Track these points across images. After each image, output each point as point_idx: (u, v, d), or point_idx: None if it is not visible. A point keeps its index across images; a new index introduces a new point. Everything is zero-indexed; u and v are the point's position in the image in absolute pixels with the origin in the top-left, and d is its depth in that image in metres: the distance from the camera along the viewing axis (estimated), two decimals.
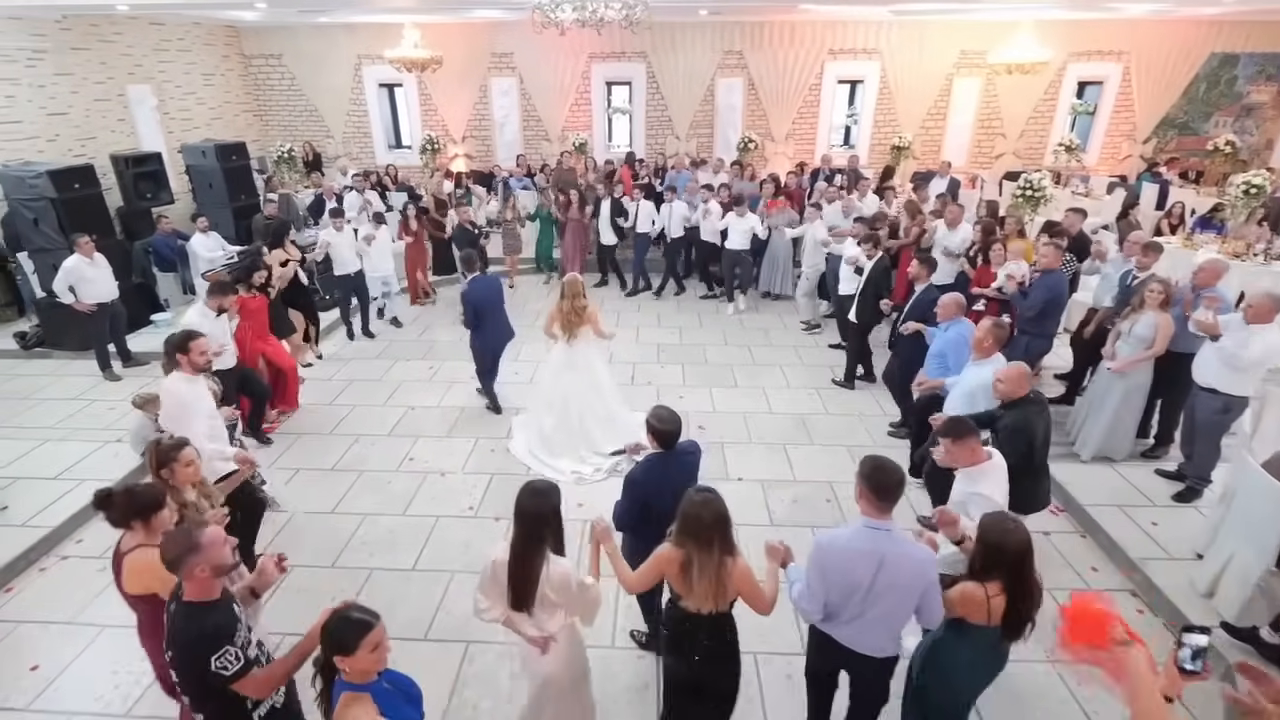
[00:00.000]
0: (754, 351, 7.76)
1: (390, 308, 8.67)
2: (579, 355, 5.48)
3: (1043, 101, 13.26)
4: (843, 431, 6.07)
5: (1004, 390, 3.69)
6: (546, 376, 5.69)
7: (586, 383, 5.49)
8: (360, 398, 6.66)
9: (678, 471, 3.14)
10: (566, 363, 5.48)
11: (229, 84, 12.64)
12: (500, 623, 2.69)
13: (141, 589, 2.60)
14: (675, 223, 9.38)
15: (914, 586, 2.46)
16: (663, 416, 3.12)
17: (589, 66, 13.01)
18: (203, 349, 3.92)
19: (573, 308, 5.31)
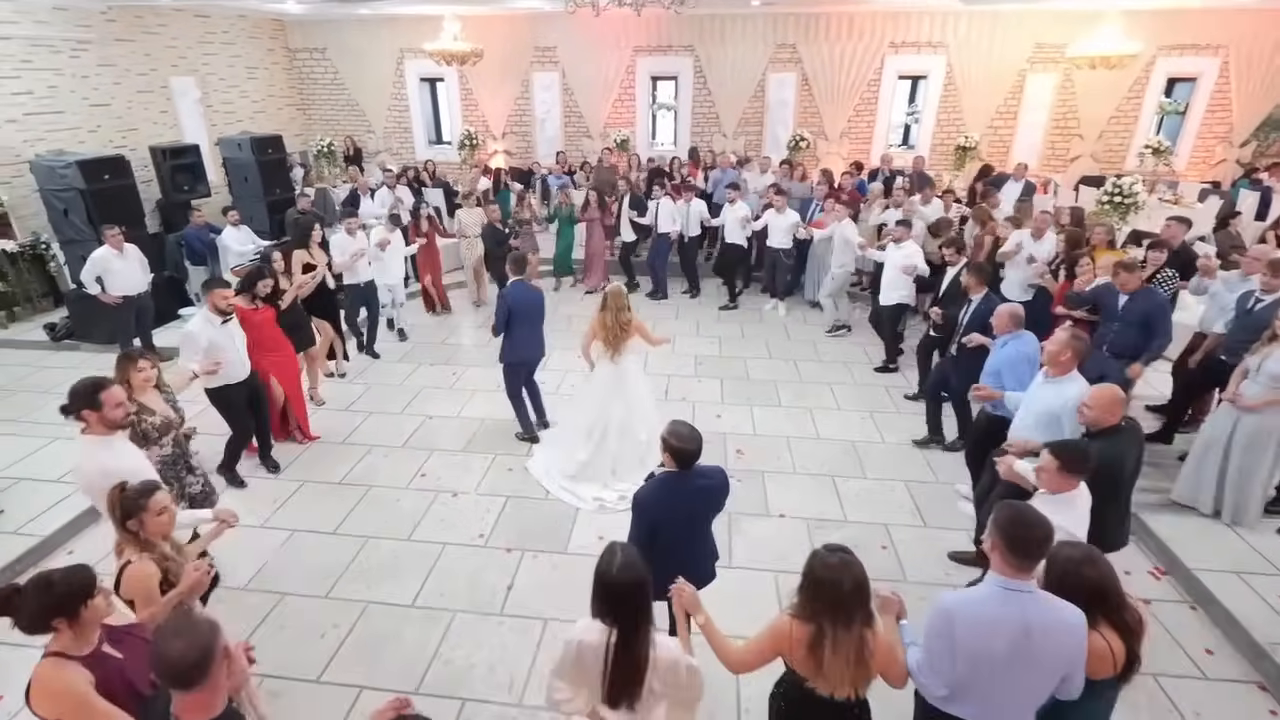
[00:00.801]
0: (800, 367, 7.13)
1: (398, 318, 7.89)
2: (625, 373, 4.97)
3: (1126, 100, 12.17)
4: (900, 463, 5.41)
5: (1092, 417, 3.20)
6: (589, 402, 5.05)
7: (631, 403, 4.96)
8: (378, 403, 6.30)
9: (692, 496, 2.87)
10: (614, 384, 4.95)
11: (273, 78, 12.60)
12: (585, 717, 2.22)
13: (55, 716, 1.98)
14: (693, 223, 8.91)
15: (1064, 656, 2.06)
16: (681, 434, 2.80)
17: (634, 60, 12.52)
18: (117, 400, 3.15)
19: (617, 321, 4.77)
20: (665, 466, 2.88)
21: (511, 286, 5.39)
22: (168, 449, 3.73)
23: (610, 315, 4.77)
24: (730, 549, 4.38)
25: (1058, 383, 3.58)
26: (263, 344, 5.07)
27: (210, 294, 4.55)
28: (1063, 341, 3.57)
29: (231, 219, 8.23)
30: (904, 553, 4.39)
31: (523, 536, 4.49)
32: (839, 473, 5.27)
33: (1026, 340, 4.28)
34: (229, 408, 4.82)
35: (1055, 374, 3.61)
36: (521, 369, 5.58)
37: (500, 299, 5.36)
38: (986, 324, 4.71)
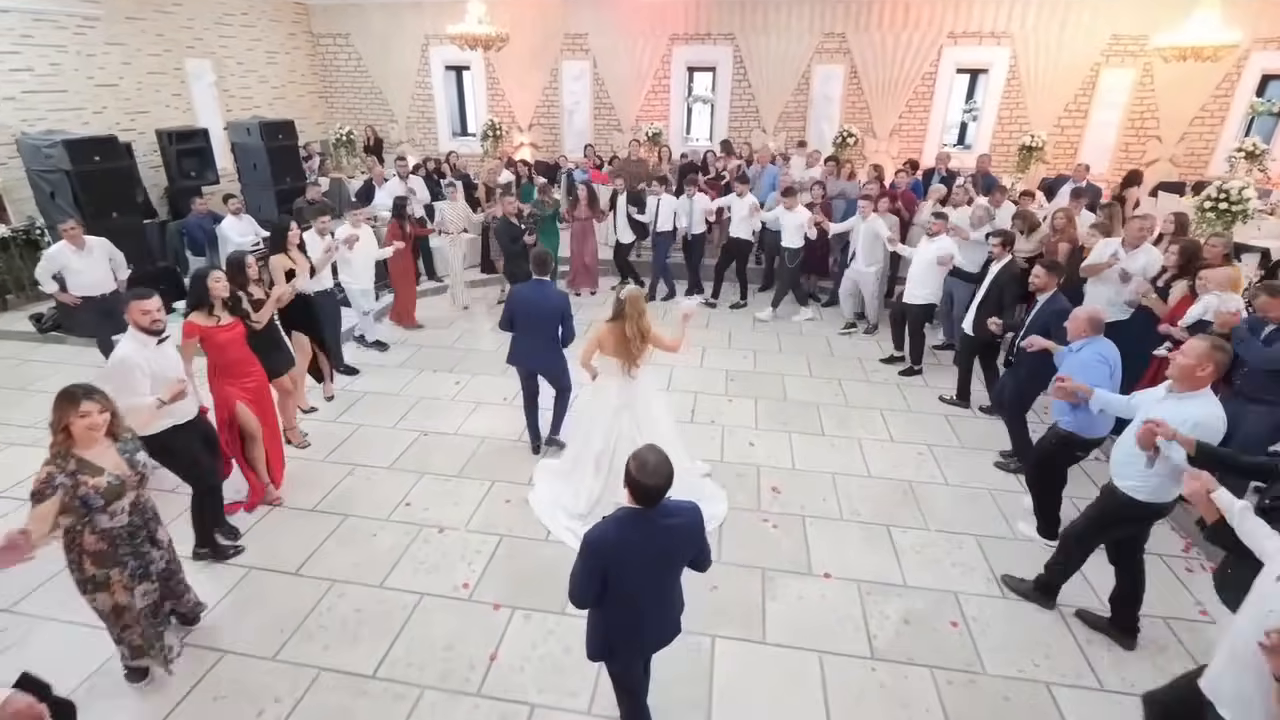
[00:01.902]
0: (846, 389, 6.28)
1: (371, 331, 6.93)
2: (639, 390, 4.22)
3: (1213, 99, 11.01)
4: (968, 511, 4.55)
5: None
6: (597, 426, 4.29)
7: (646, 427, 4.17)
8: (369, 415, 5.65)
9: (657, 539, 2.36)
10: (626, 404, 4.19)
11: (294, 63, 12.15)
12: None
13: None
14: (697, 220, 8.22)
15: None
16: (646, 462, 2.27)
17: (670, 49, 11.76)
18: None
19: (638, 330, 4.02)
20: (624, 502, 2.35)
21: (525, 285, 4.78)
22: (122, 519, 2.79)
23: (630, 325, 4.01)
24: (764, 618, 3.59)
25: (1185, 399, 3.03)
26: (228, 369, 4.07)
27: (129, 307, 3.40)
28: (1202, 352, 2.96)
29: (232, 207, 7.69)
30: (981, 632, 3.55)
31: (515, 589, 3.76)
32: (895, 520, 4.43)
33: (1106, 345, 3.81)
34: (174, 455, 3.64)
35: (1184, 389, 3.04)
36: (523, 373, 5.00)
37: (510, 295, 4.89)
38: (1053, 326, 4.33)
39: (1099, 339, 3.83)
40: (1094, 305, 4.12)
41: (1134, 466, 3.11)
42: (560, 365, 4.91)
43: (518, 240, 7.17)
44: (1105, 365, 3.74)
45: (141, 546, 2.90)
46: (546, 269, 4.75)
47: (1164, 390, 3.18)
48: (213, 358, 4.04)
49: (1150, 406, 3.17)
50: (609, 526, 2.32)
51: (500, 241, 7.39)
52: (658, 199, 8.22)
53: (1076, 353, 3.85)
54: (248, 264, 4.38)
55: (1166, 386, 3.18)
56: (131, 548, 2.85)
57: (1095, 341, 3.82)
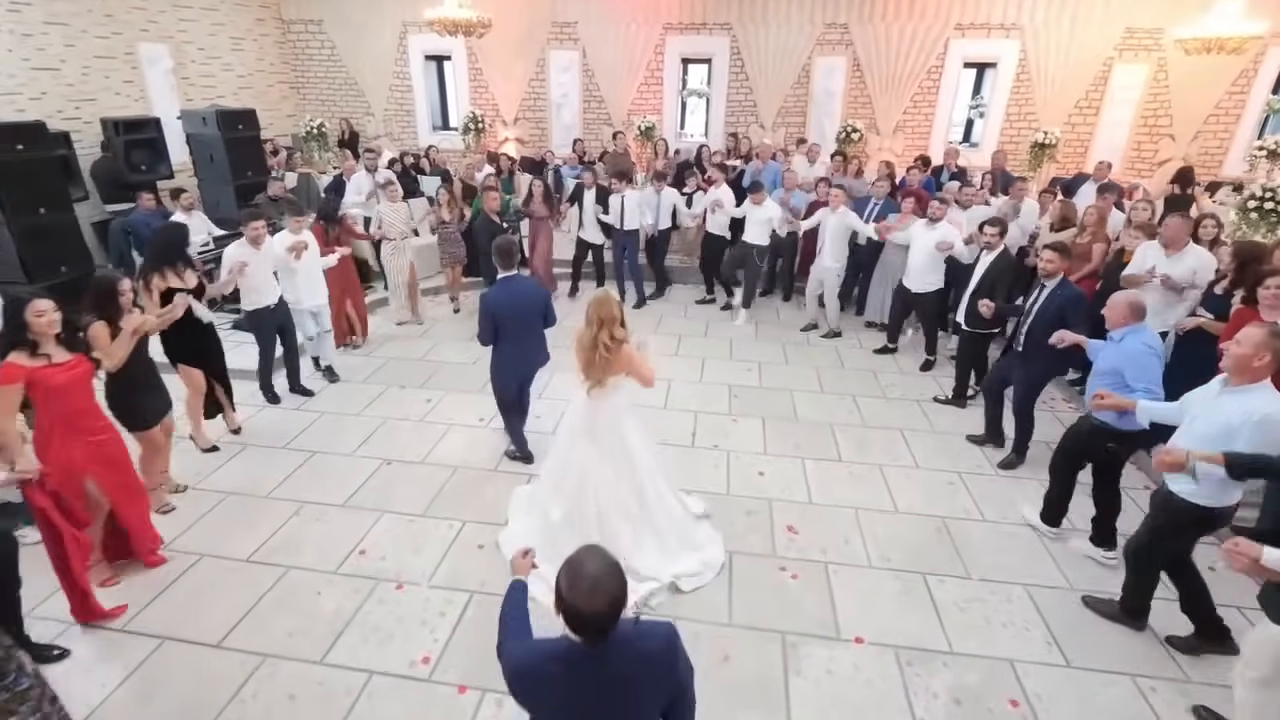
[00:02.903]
0: (862, 406, 5.68)
1: (325, 352, 5.94)
2: (603, 416, 3.53)
3: (1228, 95, 10.54)
4: (1011, 552, 3.94)
5: None
6: (560, 441, 3.79)
7: (612, 460, 3.53)
8: (325, 439, 4.96)
9: (605, 691, 1.59)
10: (585, 427, 3.56)
11: (263, 50, 11.39)
12: None
13: None
14: (664, 214, 7.80)
15: None
16: (581, 575, 1.52)
17: (663, 39, 11.13)
18: None
19: (600, 341, 3.34)
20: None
21: (496, 285, 4.20)
22: None
23: (591, 333, 3.35)
24: (788, 698, 2.97)
25: (1241, 393, 2.83)
26: (71, 422, 3.14)
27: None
28: (1259, 340, 2.77)
29: (183, 203, 6.98)
30: (1045, 711, 2.94)
31: (486, 665, 3.08)
32: (931, 567, 3.82)
33: (1150, 334, 3.61)
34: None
35: (1240, 382, 2.85)
36: (510, 385, 4.50)
37: (483, 302, 4.20)
38: (1067, 316, 4.18)
39: (1143, 327, 3.59)
40: (1134, 292, 3.77)
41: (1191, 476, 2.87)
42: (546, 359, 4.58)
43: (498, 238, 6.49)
44: (1156, 356, 3.51)
45: None
46: (512, 260, 4.25)
47: (1219, 385, 2.97)
48: (48, 408, 3.09)
49: (1204, 405, 2.97)
50: (528, 656, 1.65)
51: (480, 241, 6.73)
52: (621, 196, 7.58)
53: (1119, 343, 3.58)
54: (121, 289, 3.55)
55: (1221, 380, 2.96)
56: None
57: (1139, 330, 3.57)
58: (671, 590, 3.51)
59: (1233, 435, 2.79)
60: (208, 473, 4.52)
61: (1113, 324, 3.65)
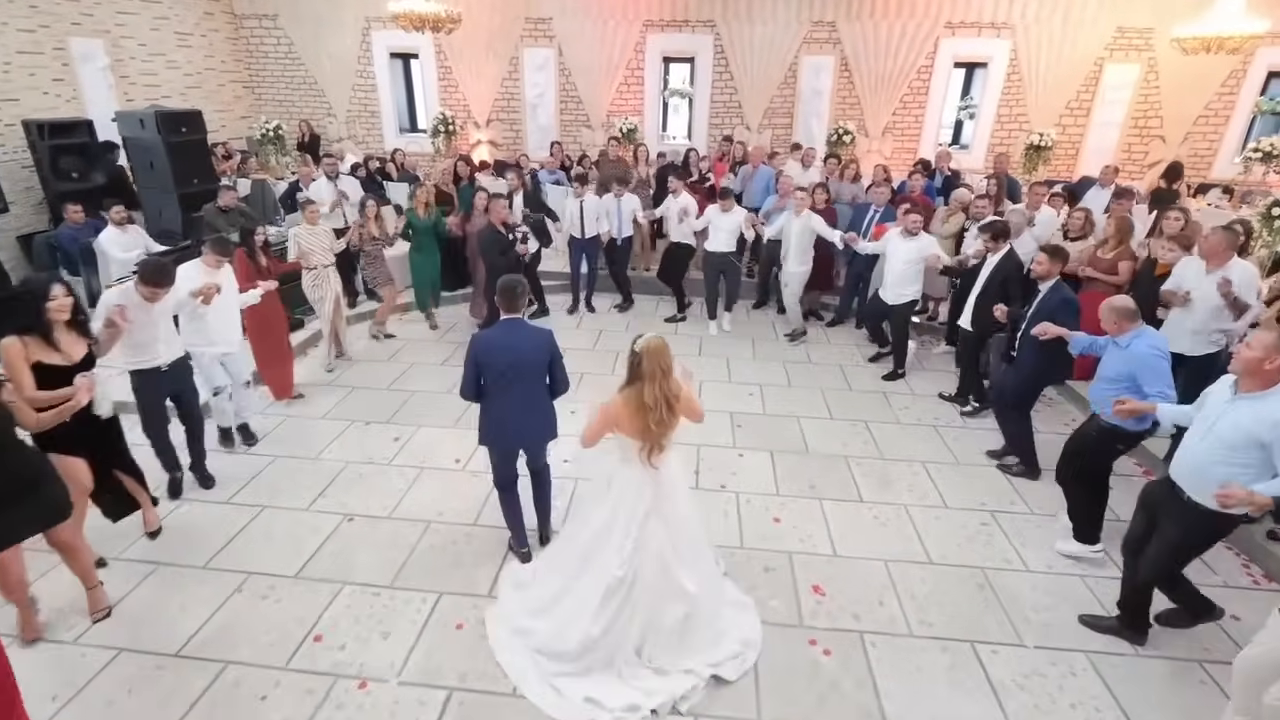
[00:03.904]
0: (876, 434, 5.21)
1: (243, 405, 4.86)
2: (664, 485, 2.92)
3: (1218, 97, 10.39)
4: (1066, 609, 3.49)
5: None
6: (608, 538, 2.94)
7: (674, 532, 2.94)
8: (276, 491, 4.31)
9: None
10: (646, 503, 2.88)
11: (212, 47, 10.58)
12: None
13: None
14: (626, 222, 7.29)
15: None
16: None
17: (643, 37, 10.61)
18: None
19: (663, 395, 2.76)
20: None
21: (493, 328, 3.43)
22: None
23: (651, 389, 2.75)
24: None
25: (1259, 400, 2.69)
26: None
27: None
28: (1270, 344, 2.64)
29: (115, 216, 6.23)
30: None
31: None
32: (979, 633, 3.34)
33: (1155, 334, 3.55)
34: None
35: (1251, 387, 2.73)
36: (507, 454, 3.58)
37: (469, 345, 3.39)
38: (1058, 316, 4.16)
39: (1145, 328, 3.52)
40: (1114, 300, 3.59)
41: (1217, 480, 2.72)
42: (547, 438, 3.61)
43: (508, 253, 5.91)
44: (1165, 358, 3.43)
45: None
46: (518, 302, 3.37)
47: (1229, 390, 2.82)
48: None
49: (1220, 408, 2.83)
50: None
51: (487, 256, 6.02)
52: (580, 201, 7.10)
53: (1126, 348, 3.49)
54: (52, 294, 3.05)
55: (1231, 385, 2.82)
56: None
57: (1145, 333, 3.51)
58: (712, 683, 2.97)
59: (1253, 444, 2.67)
60: (134, 537, 3.86)
61: (1111, 332, 3.58)
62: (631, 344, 2.86)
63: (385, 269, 6.61)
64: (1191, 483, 2.89)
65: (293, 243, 5.76)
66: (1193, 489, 2.89)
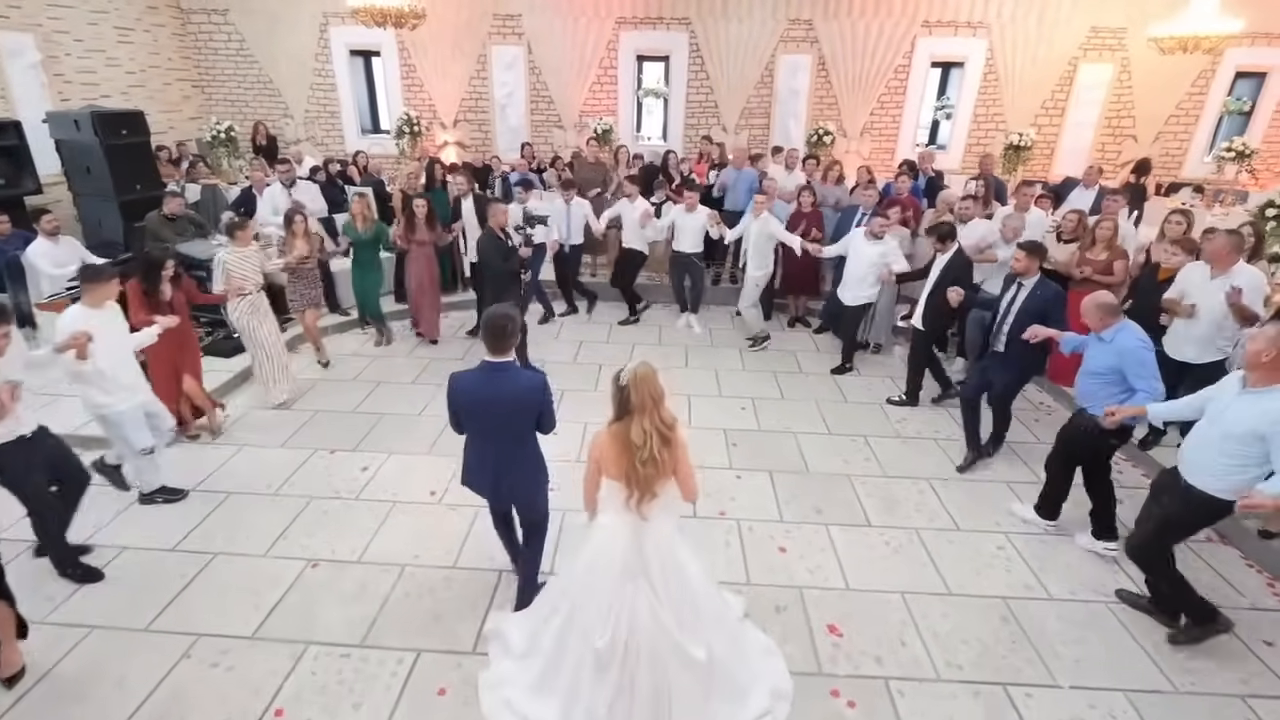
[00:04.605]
0: (876, 450, 4.96)
1: (152, 473, 4.06)
2: (651, 540, 2.56)
3: (1188, 97, 10.49)
4: (1096, 642, 3.27)
5: None
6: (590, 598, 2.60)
7: (670, 600, 2.58)
8: (228, 534, 3.86)
9: None
10: (628, 559, 2.55)
11: (157, 43, 9.93)
12: None
13: None
14: (576, 229, 6.99)
15: None
16: None
17: (616, 35, 10.29)
18: None
19: (655, 429, 2.42)
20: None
21: (471, 372, 2.89)
22: None
23: (641, 424, 2.42)
24: None
25: (1261, 394, 2.78)
26: None
27: None
28: (1270, 336, 2.72)
29: (45, 226, 5.67)
30: None
31: None
32: (1010, 673, 3.09)
33: (1135, 327, 3.57)
34: None
35: (1257, 381, 2.82)
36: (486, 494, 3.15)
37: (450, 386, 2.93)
38: (1041, 315, 4.19)
39: (1126, 322, 3.56)
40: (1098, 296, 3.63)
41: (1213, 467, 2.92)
42: (540, 486, 3.13)
43: (511, 259, 5.50)
44: (1150, 350, 3.47)
45: None
46: (506, 344, 2.82)
47: (1238, 384, 2.92)
48: None
49: (1224, 404, 2.92)
50: None
51: (489, 263, 5.58)
52: (523, 207, 6.54)
53: (1110, 342, 3.54)
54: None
55: (1240, 379, 2.92)
56: None
57: (1127, 326, 3.54)
58: None
59: (1256, 439, 2.76)
60: (68, 591, 3.39)
61: (1095, 328, 3.61)
62: (616, 376, 2.53)
63: (315, 291, 5.87)
64: (1189, 468, 3.05)
65: (219, 270, 4.83)
66: (1189, 473, 3.05)
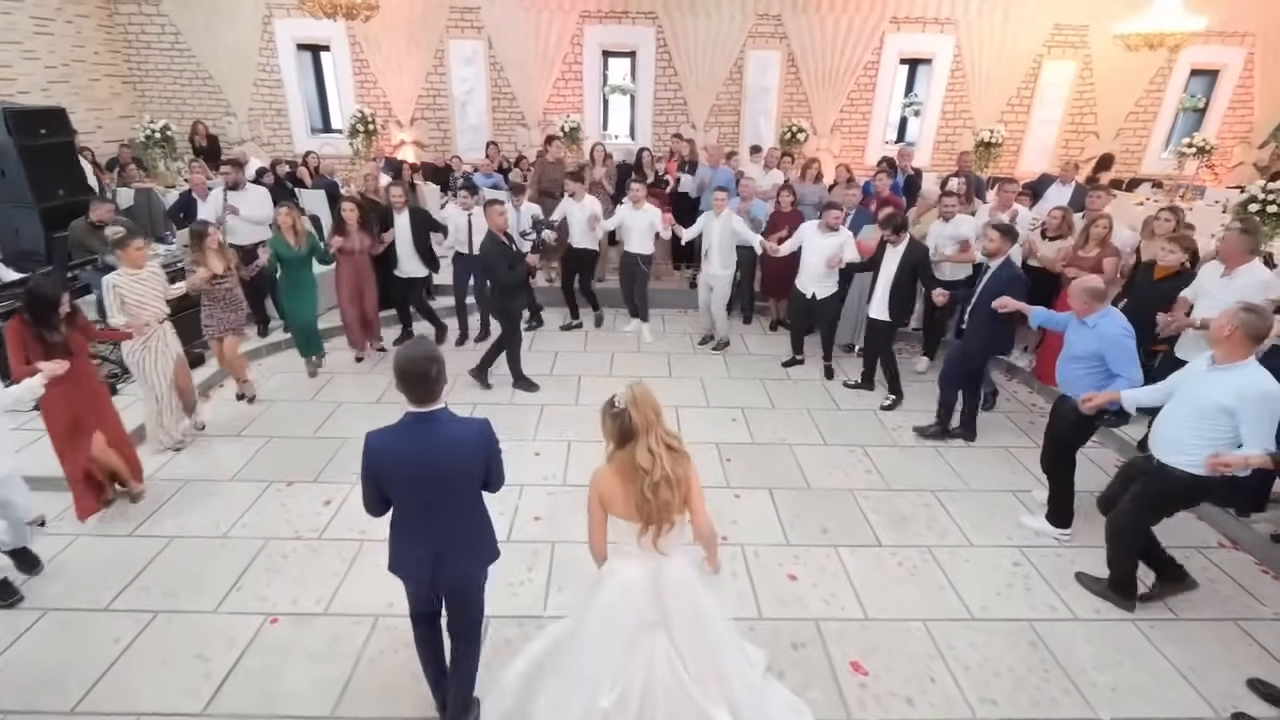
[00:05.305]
0: (878, 461, 4.74)
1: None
2: (670, 580, 2.27)
3: (1146, 94, 10.67)
4: (1131, 667, 3.08)
5: None
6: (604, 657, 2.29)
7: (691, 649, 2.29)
8: (171, 588, 3.39)
9: None
10: (655, 612, 2.27)
11: (81, 35, 9.14)
12: None
13: None
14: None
15: None
16: None
17: (580, 29, 9.92)
18: None
19: (661, 450, 2.13)
20: None
21: (389, 430, 2.23)
22: None
23: (645, 446, 2.12)
24: None
25: (1228, 371, 2.92)
26: None
27: None
28: (1229, 315, 2.90)
29: None
30: None
31: None
32: (1050, 710, 2.87)
33: (1118, 314, 3.65)
34: None
35: (1224, 359, 2.95)
36: (421, 594, 2.49)
37: (365, 453, 2.23)
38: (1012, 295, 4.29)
39: (1110, 309, 3.64)
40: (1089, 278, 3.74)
41: (1184, 444, 3.02)
42: (483, 567, 2.51)
43: (518, 266, 5.08)
44: (1132, 338, 3.53)
45: None
46: (432, 389, 2.19)
47: (1206, 363, 3.05)
48: None
49: (1193, 382, 3.06)
50: None
51: (494, 270, 5.11)
52: (469, 214, 6.09)
53: (1093, 328, 3.59)
54: None
55: (1208, 359, 3.04)
56: None
57: (1110, 313, 3.61)
58: None
59: (1230, 415, 2.87)
60: None
61: (1079, 313, 3.65)
62: (607, 405, 2.21)
63: (234, 315, 5.08)
64: (1162, 446, 3.15)
65: (111, 296, 4.01)
66: (1162, 452, 3.14)
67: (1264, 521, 4.01)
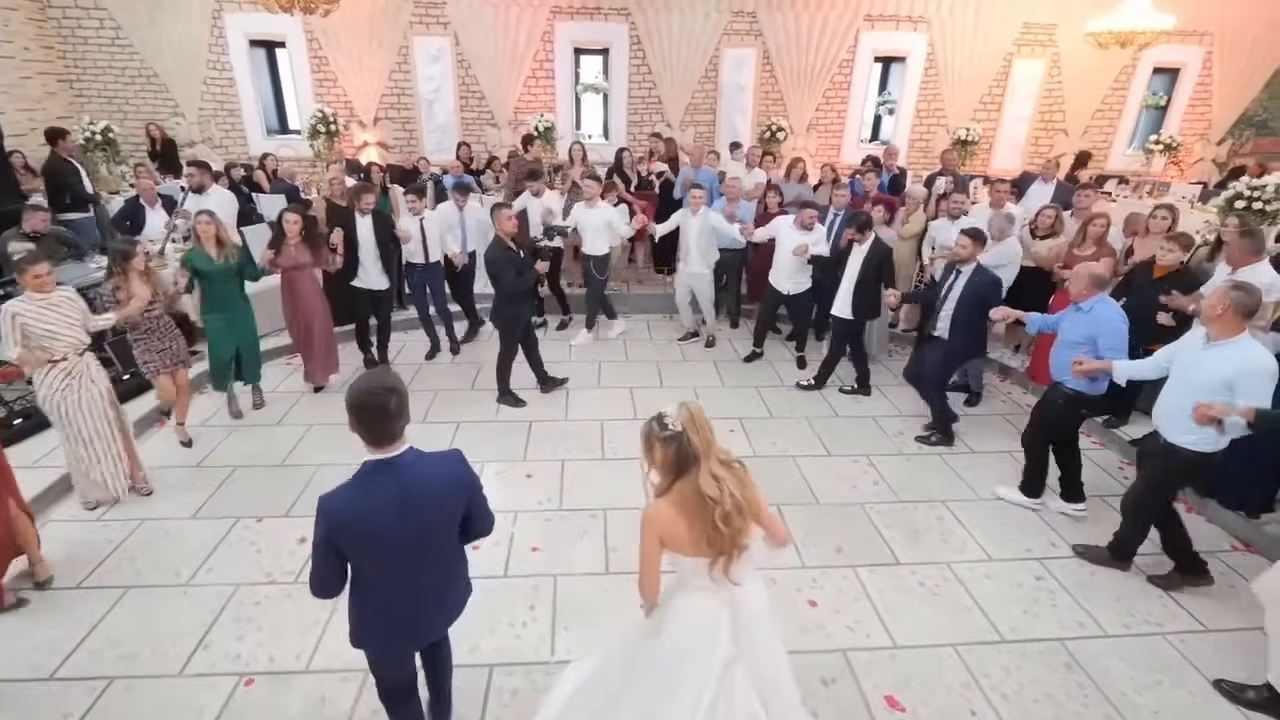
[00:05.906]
0: (883, 470, 4.57)
1: None
2: (746, 607, 2.11)
3: (1112, 91, 10.84)
4: (1170, 686, 2.96)
5: None
6: (672, 695, 2.02)
7: (767, 675, 2.16)
8: (128, 649, 3.00)
9: None
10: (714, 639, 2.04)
11: (9, 29, 8.45)
12: None
13: None
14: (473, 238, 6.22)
15: None
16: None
17: (551, 25, 9.61)
18: None
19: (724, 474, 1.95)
20: None
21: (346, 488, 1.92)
22: None
23: (708, 470, 1.93)
24: None
25: (1226, 347, 3.00)
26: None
27: None
28: (1220, 293, 3.00)
29: None
30: None
31: None
32: None
33: (1112, 300, 3.80)
34: None
35: (1218, 335, 3.04)
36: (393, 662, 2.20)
37: (316, 517, 1.89)
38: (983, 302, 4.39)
39: (1105, 297, 3.75)
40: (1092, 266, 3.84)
41: (1188, 423, 3.06)
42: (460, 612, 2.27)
43: (527, 273, 4.75)
44: (1125, 323, 3.66)
45: None
46: (391, 428, 1.89)
47: (1201, 339, 3.13)
48: None
49: (1192, 358, 3.14)
50: None
51: (501, 278, 4.76)
52: (420, 219, 5.64)
53: (1089, 312, 3.70)
54: None
55: (1204, 335, 3.12)
56: None
57: (1106, 300, 3.73)
58: None
59: (1229, 389, 2.95)
60: None
61: (1078, 296, 3.74)
62: (655, 426, 1.99)
63: (175, 344, 4.39)
64: (1166, 424, 3.24)
65: (9, 325, 3.38)
66: (1167, 430, 3.23)
67: (1274, 523, 3.96)
